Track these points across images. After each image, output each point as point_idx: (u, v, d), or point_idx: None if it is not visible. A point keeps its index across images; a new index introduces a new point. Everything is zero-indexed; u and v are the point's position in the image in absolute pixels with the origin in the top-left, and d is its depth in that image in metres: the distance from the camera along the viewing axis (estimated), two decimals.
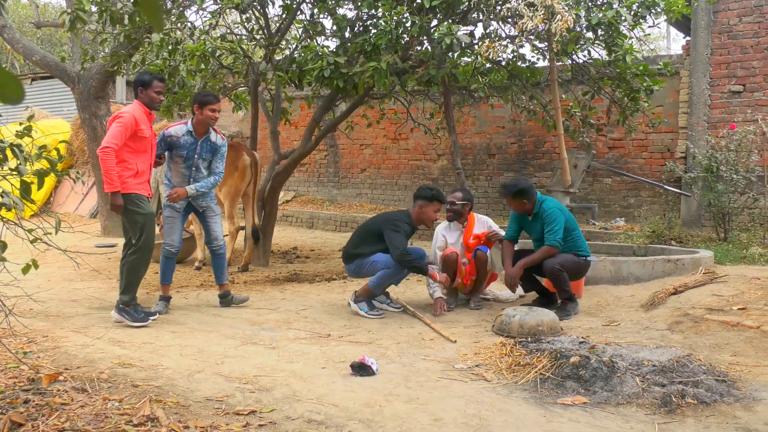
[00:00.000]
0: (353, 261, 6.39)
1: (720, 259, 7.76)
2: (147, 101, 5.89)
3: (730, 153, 9.02)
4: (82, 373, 4.06)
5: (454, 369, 4.49)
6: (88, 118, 11.94)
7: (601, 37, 8.03)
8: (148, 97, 5.88)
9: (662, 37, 24.93)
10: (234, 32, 9.47)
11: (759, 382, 4.12)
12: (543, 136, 12.46)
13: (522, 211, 6.36)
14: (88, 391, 3.71)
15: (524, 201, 6.26)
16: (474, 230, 6.63)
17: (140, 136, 5.76)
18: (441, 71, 7.69)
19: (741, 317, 5.32)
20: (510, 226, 6.52)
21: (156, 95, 5.92)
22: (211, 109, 6.25)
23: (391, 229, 6.21)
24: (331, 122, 9.87)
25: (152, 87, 5.87)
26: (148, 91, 5.87)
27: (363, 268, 6.33)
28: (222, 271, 6.55)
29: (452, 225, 6.77)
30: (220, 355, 4.71)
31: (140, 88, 5.87)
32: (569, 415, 3.66)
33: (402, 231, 6.22)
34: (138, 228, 5.73)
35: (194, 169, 6.35)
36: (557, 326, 5.37)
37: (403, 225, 6.27)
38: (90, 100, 11.82)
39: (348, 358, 4.59)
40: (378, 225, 6.37)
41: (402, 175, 14.42)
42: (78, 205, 15.57)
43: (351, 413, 3.58)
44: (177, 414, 3.44)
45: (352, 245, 6.45)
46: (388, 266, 6.20)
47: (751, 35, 10.30)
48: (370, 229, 6.45)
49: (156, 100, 5.94)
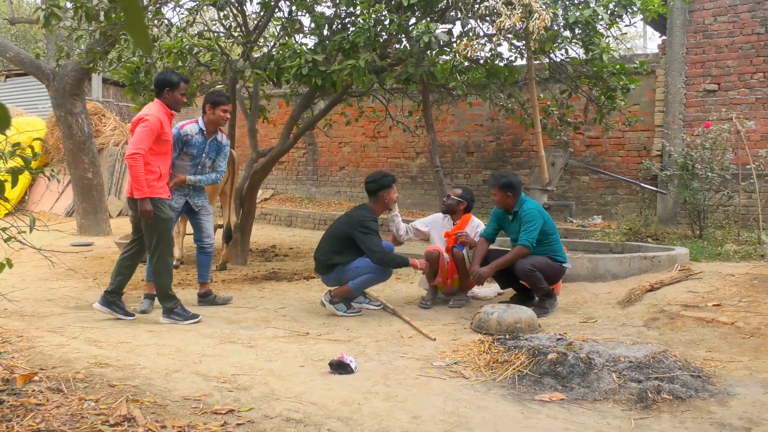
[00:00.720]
0: (332, 271, 6.21)
1: (695, 256, 7.84)
2: (171, 102, 5.82)
3: (705, 151, 9.11)
4: (57, 373, 4.02)
5: (433, 366, 4.50)
6: (64, 115, 11.83)
7: (578, 36, 8.07)
8: (173, 99, 5.82)
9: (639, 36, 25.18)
10: (211, 29, 9.41)
11: (733, 377, 4.17)
12: (521, 135, 12.52)
13: (504, 205, 6.34)
14: (64, 392, 3.68)
15: (509, 194, 6.25)
16: (464, 230, 6.64)
17: (164, 138, 5.73)
18: (419, 69, 7.69)
19: (716, 313, 5.38)
20: (489, 224, 6.53)
21: (181, 97, 5.88)
22: (224, 109, 6.24)
23: (362, 233, 6.10)
24: (309, 120, 9.84)
25: (179, 88, 5.81)
26: (175, 92, 5.80)
27: (345, 275, 6.17)
28: (207, 270, 6.53)
29: (446, 220, 6.80)
30: (197, 354, 4.69)
31: (167, 88, 5.77)
32: (547, 411, 3.68)
33: (372, 230, 6.14)
34: (157, 233, 5.71)
35: (200, 167, 6.33)
36: (535, 323, 5.40)
37: (371, 224, 6.16)
38: (65, 98, 11.70)
39: (326, 356, 4.59)
40: (344, 229, 6.22)
41: None
42: (53, 204, 15.42)
43: (329, 411, 3.58)
44: (154, 414, 3.42)
45: (324, 255, 6.25)
46: (373, 271, 6.16)
47: (725, 35, 10.41)
48: (337, 235, 6.26)
49: (180, 102, 5.90)
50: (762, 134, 10.07)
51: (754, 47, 10.21)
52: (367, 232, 6.10)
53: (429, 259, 6.41)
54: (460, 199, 6.73)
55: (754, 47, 10.21)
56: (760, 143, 9.93)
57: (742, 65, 10.33)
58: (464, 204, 6.74)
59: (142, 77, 8.53)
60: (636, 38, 25.25)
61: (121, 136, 15.90)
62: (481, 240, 6.44)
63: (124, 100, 17.41)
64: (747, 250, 8.01)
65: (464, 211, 6.78)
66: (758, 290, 5.93)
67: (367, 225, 6.13)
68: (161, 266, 5.78)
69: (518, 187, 6.29)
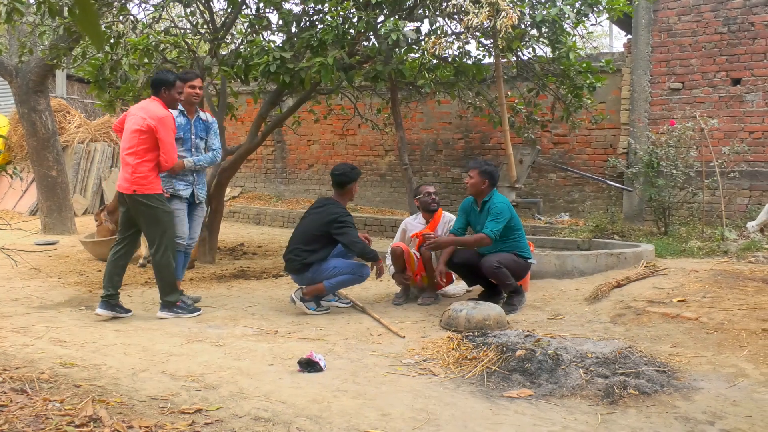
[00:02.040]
0: (307, 270, 6.14)
1: (661, 252, 7.94)
2: (169, 100, 5.93)
3: (669, 149, 9.22)
4: (21, 374, 3.97)
5: (402, 364, 4.51)
6: (27, 112, 11.63)
7: (545, 35, 8.13)
8: (170, 97, 5.93)
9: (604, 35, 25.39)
10: (178, 26, 9.32)
11: (697, 372, 4.24)
12: (489, 132, 12.58)
13: (476, 192, 6.31)
14: (28, 392, 3.63)
15: (486, 182, 6.25)
16: (437, 228, 6.66)
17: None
18: (388, 67, 7.69)
19: (681, 309, 5.46)
20: (457, 220, 6.54)
21: (178, 96, 6.00)
22: (192, 85, 6.28)
23: (339, 227, 6.07)
24: (277, 118, 9.80)
25: (175, 87, 5.93)
26: (172, 91, 5.91)
27: (321, 274, 6.12)
28: (182, 269, 6.52)
29: (417, 219, 6.82)
30: (165, 354, 4.65)
31: (163, 87, 5.87)
32: (515, 407, 3.71)
33: (349, 223, 6.14)
34: (162, 226, 5.84)
35: (194, 150, 6.39)
36: (503, 320, 5.43)
37: (346, 218, 6.14)
38: (29, 94, 11.50)
39: (295, 354, 4.58)
40: (319, 227, 6.15)
41: None
42: (17, 202, 15.17)
43: (298, 410, 3.57)
44: (121, 414, 3.38)
45: (299, 255, 6.15)
46: (352, 272, 6.17)
47: (689, 34, 10.55)
48: (311, 233, 6.17)
49: (177, 100, 6.02)
50: (725, 132, 10.24)
51: (717, 46, 10.37)
52: (345, 226, 6.09)
53: (393, 256, 6.43)
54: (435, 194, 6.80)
55: (717, 46, 10.37)
56: (723, 141, 10.08)
57: (706, 64, 10.48)
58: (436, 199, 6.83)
59: (107, 74, 8.41)
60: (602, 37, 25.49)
61: (87, 133, 15.67)
62: (450, 237, 6.46)
63: (90, 97, 17.17)
64: (711, 247, 8.13)
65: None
66: (722, 286, 6.02)
67: (342, 219, 6.12)
68: (165, 260, 5.88)
69: (496, 179, 6.32)
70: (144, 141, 5.72)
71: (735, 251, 7.86)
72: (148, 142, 5.73)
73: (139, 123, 5.74)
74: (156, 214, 5.79)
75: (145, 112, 5.78)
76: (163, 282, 5.92)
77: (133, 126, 5.77)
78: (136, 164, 5.72)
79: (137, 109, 5.91)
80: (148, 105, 5.89)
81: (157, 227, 5.82)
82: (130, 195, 5.75)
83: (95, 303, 6.23)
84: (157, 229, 5.83)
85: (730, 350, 4.64)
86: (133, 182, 5.72)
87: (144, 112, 5.79)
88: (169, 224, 5.89)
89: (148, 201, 5.75)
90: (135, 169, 5.72)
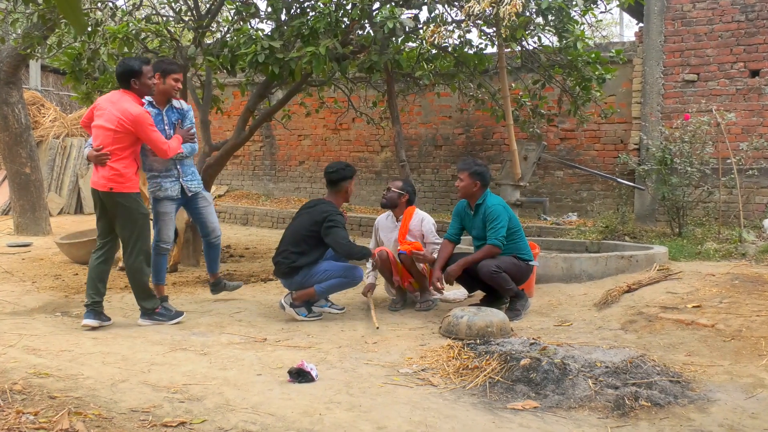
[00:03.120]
0: (296, 274, 6.18)
1: (674, 255, 7.95)
2: (142, 90, 5.81)
3: (684, 144, 9.24)
4: None
5: (399, 374, 4.51)
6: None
7: (552, 23, 8.13)
8: (142, 86, 5.79)
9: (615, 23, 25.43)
10: (160, 13, 9.31)
11: (713, 382, 4.25)
12: (492, 127, 12.59)
13: (467, 195, 6.33)
14: (0, 404, 3.62)
15: (477, 184, 6.26)
16: (409, 225, 6.64)
17: None
18: (383, 57, 7.69)
19: (696, 315, 5.47)
20: (452, 224, 6.54)
21: (149, 81, 5.84)
22: (175, 78, 6.17)
23: (328, 227, 6.10)
24: (266, 111, 9.79)
25: (144, 74, 5.77)
26: (142, 79, 5.76)
27: (312, 278, 6.16)
28: (216, 262, 6.59)
29: (389, 219, 6.81)
30: (146, 363, 4.64)
31: (132, 79, 5.74)
32: (519, 420, 3.71)
33: (339, 223, 6.15)
34: (138, 228, 5.78)
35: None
36: (507, 327, 5.43)
37: (337, 217, 6.16)
38: (0, 86, 11.49)
39: (285, 363, 4.58)
40: (308, 227, 6.20)
41: None
42: None
43: (289, 423, 3.57)
44: (99, 427, 3.38)
45: (288, 258, 6.21)
46: (344, 275, 6.17)
47: (705, 22, 10.58)
48: (301, 235, 6.23)
49: (150, 86, 5.88)
50: (743, 127, 10.27)
51: (734, 35, 10.39)
52: (334, 226, 6.10)
53: (380, 261, 6.42)
54: (401, 191, 6.73)
55: (734, 35, 10.39)
56: (741, 136, 10.12)
57: (722, 54, 10.50)
58: (405, 196, 6.73)
59: (84, 64, 8.39)
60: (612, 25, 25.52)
61: (62, 128, 15.64)
62: (445, 242, 6.46)
63: (65, 89, 17.14)
64: (728, 249, 8.14)
65: (406, 204, 6.78)
66: (739, 291, 6.03)
67: (332, 218, 6.13)
68: (139, 264, 5.83)
69: (488, 180, 6.32)
70: (119, 140, 5.64)
71: (753, 254, 7.88)
72: (123, 141, 5.65)
73: (113, 122, 5.62)
74: (132, 215, 5.74)
75: (118, 110, 5.64)
76: (138, 288, 5.88)
77: (105, 123, 5.66)
78: (112, 161, 5.65)
79: (107, 103, 5.76)
80: (120, 101, 5.73)
81: (132, 229, 5.76)
82: (106, 193, 5.68)
83: (71, 309, 6.23)
84: (132, 231, 5.77)
85: (748, 359, 4.65)
86: (109, 179, 5.65)
87: (116, 109, 5.65)
88: (144, 227, 5.82)
89: (125, 200, 5.69)
90: (111, 166, 5.65)
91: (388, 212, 6.90)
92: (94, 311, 5.77)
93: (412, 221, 6.67)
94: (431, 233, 6.67)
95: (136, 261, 5.81)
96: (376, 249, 6.54)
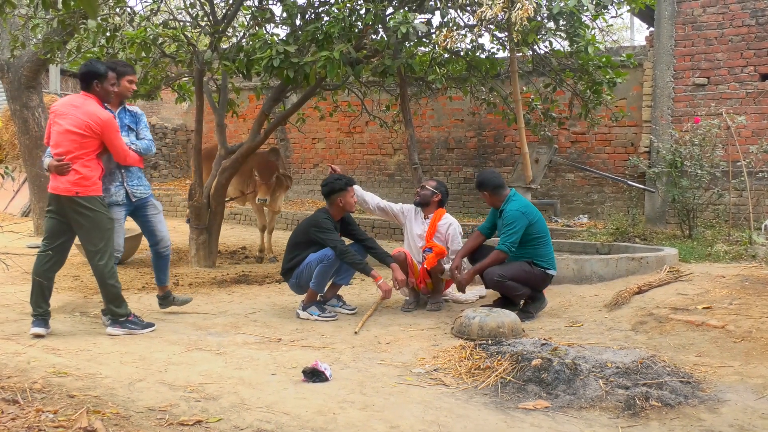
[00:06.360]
0: (291, 274, 6.38)
1: (685, 256, 7.91)
2: (103, 95, 5.62)
3: (694, 147, 9.20)
4: (13, 384, 3.98)
5: (412, 374, 4.51)
6: (19, 109, 11.67)
7: (563, 27, 8.12)
8: (104, 91, 5.61)
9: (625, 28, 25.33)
10: (177, 18, 9.35)
11: (724, 382, 4.22)
12: (503, 130, 12.57)
13: (491, 205, 6.43)
14: (20, 403, 3.64)
15: (485, 193, 6.30)
16: (437, 226, 6.64)
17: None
18: (397, 61, 7.69)
19: (706, 317, 5.43)
20: (488, 218, 6.60)
21: (111, 87, 5.67)
22: (130, 80, 5.98)
23: (316, 232, 6.24)
24: (281, 115, 9.80)
25: (107, 79, 5.60)
26: (105, 83, 5.58)
27: (302, 276, 6.29)
28: (165, 273, 6.34)
29: (418, 214, 6.82)
30: (163, 362, 4.66)
31: (95, 81, 5.54)
32: (531, 420, 3.70)
33: (328, 227, 6.25)
34: (106, 233, 5.54)
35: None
36: (519, 328, 5.42)
37: (325, 222, 6.27)
38: (21, 90, 11.55)
39: (300, 363, 4.58)
40: (302, 233, 6.41)
41: (357, 170, 14.41)
42: (8, 203, 15.23)
43: (303, 422, 3.57)
44: (117, 425, 3.39)
45: (283, 263, 6.50)
46: (321, 259, 6.16)
47: (715, 26, 10.53)
48: (295, 240, 6.46)
49: (111, 92, 5.70)
50: (753, 130, 10.21)
51: (745, 39, 10.34)
52: (323, 230, 6.22)
53: (397, 261, 6.40)
54: (435, 190, 6.74)
55: (745, 39, 10.34)
56: (751, 139, 10.05)
57: (732, 58, 10.45)
58: (438, 196, 6.75)
59: None
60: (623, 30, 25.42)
61: None
62: (476, 233, 6.51)
63: None
64: (738, 251, 8.09)
65: (438, 204, 6.79)
66: (749, 292, 6.00)
67: (320, 224, 6.27)
68: (110, 269, 5.59)
69: (491, 183, 6.30)
70: (86, 145, 5.43)
71: (764, 255, 7.82)
72: (90, 146, 5.45)
73: (81, 126, 5.41)
74: (99, 219, 5.49)
75: (85, 114, 5.43)
76: (110, 293, 5.61)
77: (71, 128, 5.41)
78: (77, 165, 5.42)
79: (68, 107, 5.52)
80: (85, 104, 5.51)
81: (100, 233, 5.52)
82: (70, 198, 5.41)
83: (90, 309, 6.25)
84: (100, 236, 5.52)
85: (759, 360, 4.62)
86: (74, 183, 5.39)
87: (83, 113, 5.44)
88: (111, 231, 5.60)
89: (91, 204, 5.46)
90: (76, 170, 5.40)
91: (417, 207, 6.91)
92: (44, 321, 5.52)
93: (440, 221, 6.68)
94: (456, 240, 6.68)
95: (107, 265, 5.57)
96: (394, 250, 6.56)
